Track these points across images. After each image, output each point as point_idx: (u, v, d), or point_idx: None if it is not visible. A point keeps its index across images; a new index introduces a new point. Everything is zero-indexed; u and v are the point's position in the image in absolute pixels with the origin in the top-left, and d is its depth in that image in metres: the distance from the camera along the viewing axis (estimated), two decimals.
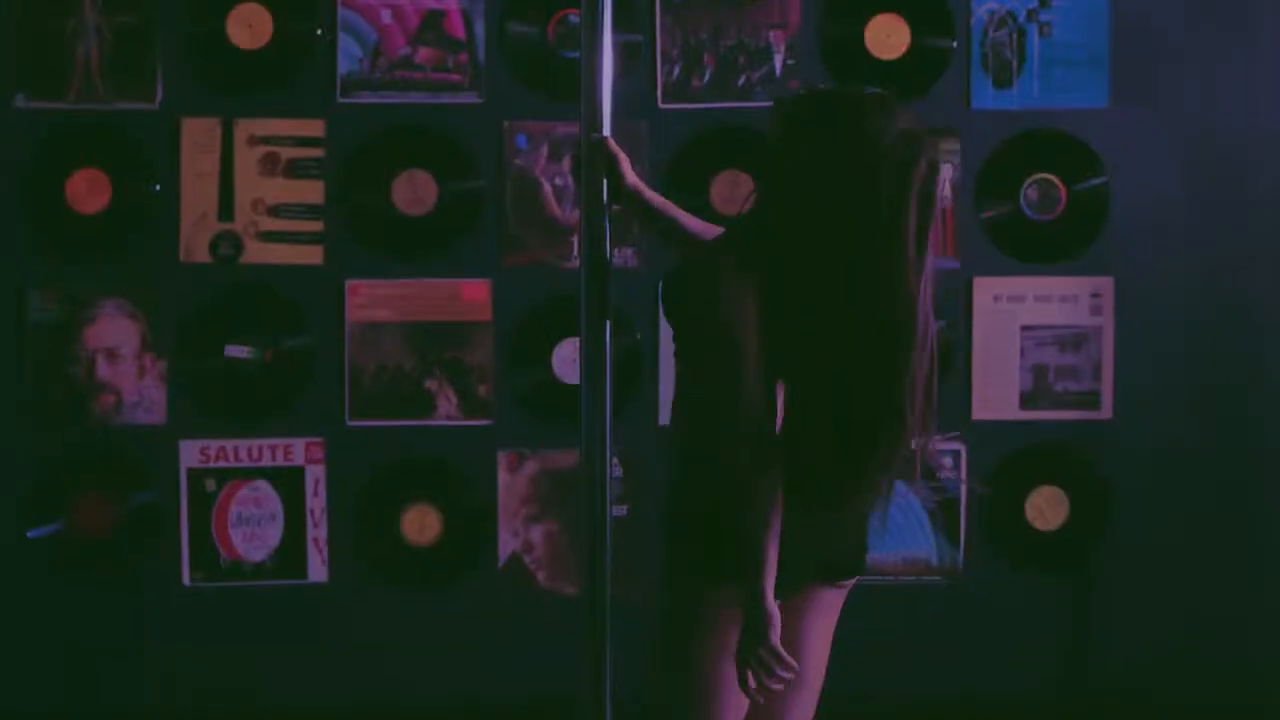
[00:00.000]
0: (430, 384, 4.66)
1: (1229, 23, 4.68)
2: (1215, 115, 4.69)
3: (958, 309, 4.67)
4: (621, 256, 4.60)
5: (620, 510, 4.64)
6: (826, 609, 3.16)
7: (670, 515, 3.06)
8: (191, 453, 4.66)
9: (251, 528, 4.67)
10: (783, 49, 4.65)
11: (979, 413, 4.69)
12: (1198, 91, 4.69)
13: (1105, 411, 4.68)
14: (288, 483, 4.67)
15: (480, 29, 4.65)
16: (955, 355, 4.68)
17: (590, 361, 3.17)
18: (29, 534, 4.65)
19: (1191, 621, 4.73)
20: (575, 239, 4.58)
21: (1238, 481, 4.72)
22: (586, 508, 3.18)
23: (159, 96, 4.62)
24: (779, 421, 2.91)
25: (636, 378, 4.64)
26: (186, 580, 4.66)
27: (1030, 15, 4.67)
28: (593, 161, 3.15)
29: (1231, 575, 4.74)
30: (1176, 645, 4.73)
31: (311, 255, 4.65)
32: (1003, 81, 4.67)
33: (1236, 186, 4.70)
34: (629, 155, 3.21)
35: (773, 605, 2.88)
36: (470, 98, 4.65)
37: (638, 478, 4.66)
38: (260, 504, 4.67)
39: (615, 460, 4.56)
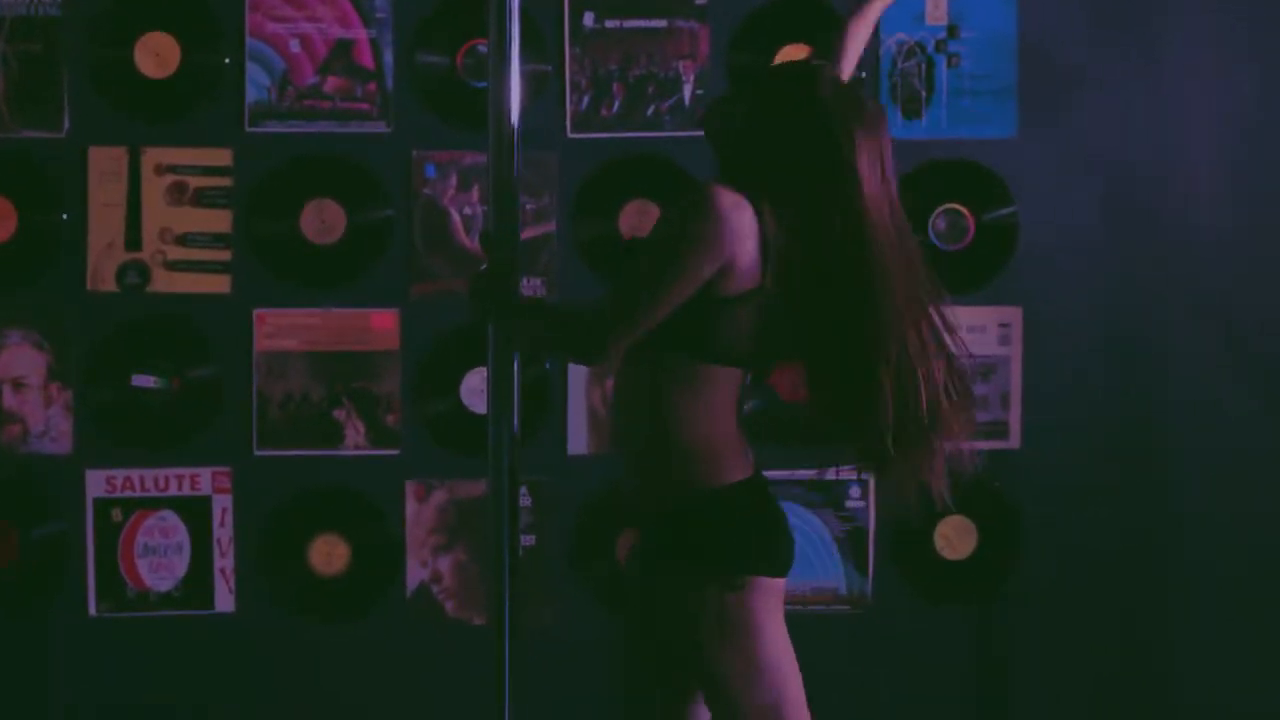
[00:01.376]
0: (338, 413, 4.65)
1: (1136, 51, 4.70)
2: (1123, 144, 4.70)
3: None
4: (530, 286, 4.59)
5: (529, 539, 4.63)
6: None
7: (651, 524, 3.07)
8: (98, 482, 4.63)
9: (158, 558, 4.64)
10: (692, 79, 4.65)
11: None
12: (1105, 120, 4.70)
13: (1014, 441, 4.68)
14: (195, 512, 4.64)
15: (389, 58, 4.64)
16: None
17: (497, 390, 3.17)
18: None
19: (1100, 650, 4.73)
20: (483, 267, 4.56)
21: (1144, 511, 4.73)
22: (494, 537, 3.18)
23: (66, 125, 4.60)
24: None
25: (545, 407, 4.62)
26: (93, 610, 4.64)
27: (939, 46, 4.68)
28: (502, 191, 3.15)
29: (1139, 604, 4.75)
30: (1085, 674, 4.73)
31: (219, 284, 4.63)
32: (911, 112, 4.68)
33: (1144, 216, 4.72)
34: (538, 184, 3.24)
35: None
36: (379, 127, 4.64)
37: (545, 507, 4.65)
38: (167, 534, 4.64)
39: (523, 489, 4.57)
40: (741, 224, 2.92)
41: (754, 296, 2.97)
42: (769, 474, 4.55)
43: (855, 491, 4.66)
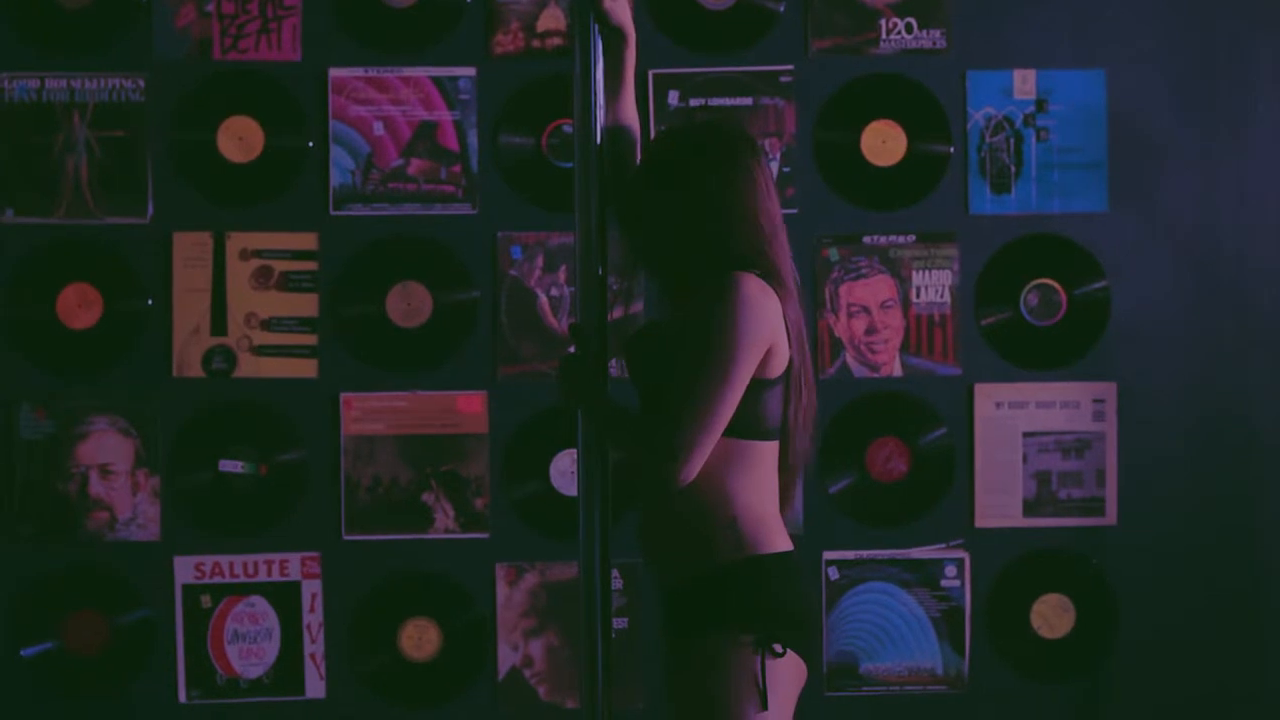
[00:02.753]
0: (427, 497, 4.62)
1: (1225, 125, 4.67)
2: (1213, 218, 4.67)
3: (959, 416, 4.63)
4: (619, 367, 4.56)
5: (620, 622, 4.59)
6: None
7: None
8: (186, 569, 4.60)
9: (248, 644, 4.61)
10: (778, 156, 4.62)
11: (981, 520, 4.64)
12: (1196, 194, 4.67)
13: (1110, 518, 4.64)
14: (284, 598, 4.62)
15: (473, 140, 4.62)
16: (957, 463, 4.64)
17: (588, 474, 3.14)
18: (22, 653, 4.60)
19: None
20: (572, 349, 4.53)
21: (1242, 587, 4.68)
22: (585, 621, 3.14)
23: (150, 211, 4.58)
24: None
25: (634, 488, 4.58)
26: (183, 698, 4.61)
27: (1027, 120, 4.64)
28: (589, 279, 3.12)
29: (1238, 680, 4.69)
30: None
31: (306, 369, 4.61)
32: (1001, 187, 4.64)
33: (1235, 289, 4.68)
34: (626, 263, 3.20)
35: None
36: (464, 209, 4.62)
37: (638, 589, 4.61)
38: (256, 620, 4.61)
39: (615, 572, 4.54)
40: (771, 309, 2.99)
41: (789, 371, 3.05)
42: (860, 553, 4.62)
43: (951, 570, 4.62)
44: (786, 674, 2.99)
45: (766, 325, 2.96)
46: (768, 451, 3.06)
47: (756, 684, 2.95)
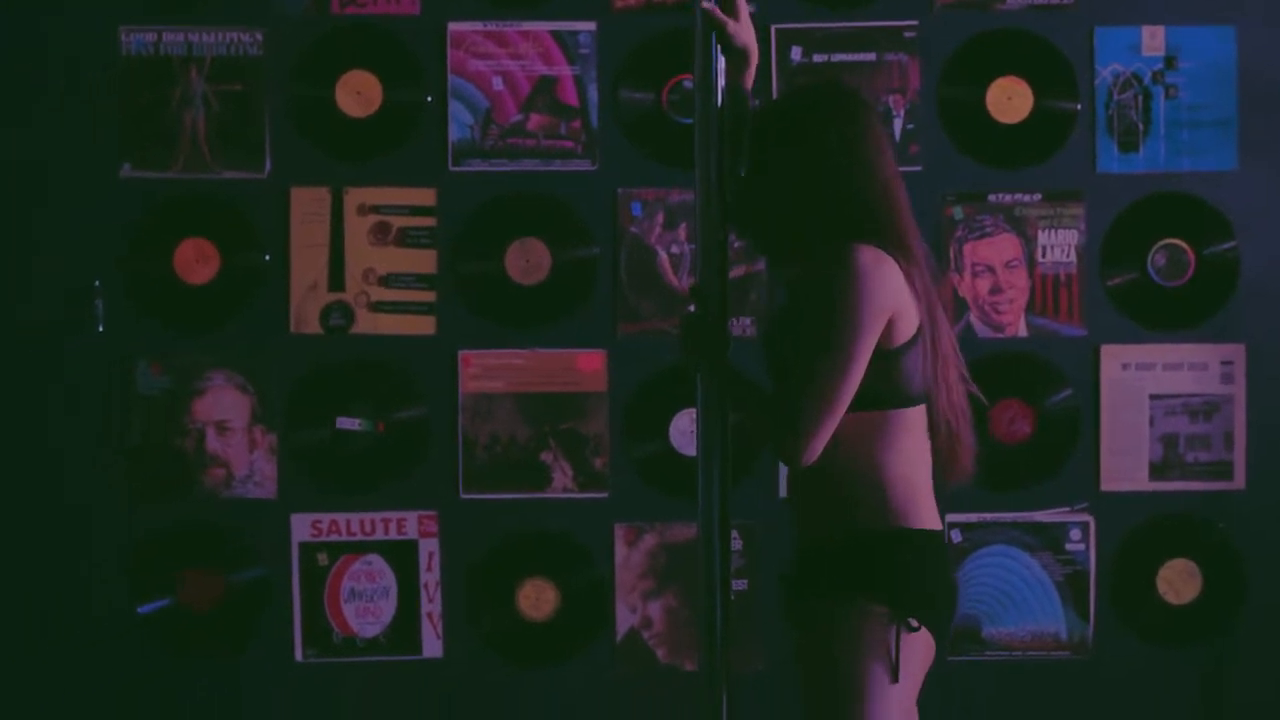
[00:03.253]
0: (545, 456, 4.58)
1: None
2: None
3: (1085, 378, 4.57)
4: (739, 325, 4.51)
5: (740, 583, 4.55)
6: None
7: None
8: (303, 527, 4.58)
9: (364, 602, 4.59)
10: (902, 113, 4.56)
11: (1107, 484, 4.58)
12: None
13: (1238, 482, 4.57)
14: (401, 557, 4.59)
15: (593, 95, 4.57)
16: (1082, 426, 4.57)
17: (707, 434, 3.08)
18: (139, 610, 4.58)
19: None
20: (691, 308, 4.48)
21: None
22: (705, 583, 3.09)
23: (268, 166, 4.55)
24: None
25: (755, 449, 4.53)
26: (299, 656, 4.59)
27: (1156, 77, 4.57)
28: (710, 239, 3.07)
29: None
30: None
31: (424, 325, 4.57)
32: (1128, 145, 4.57)
33: None
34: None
35: None
36: (584, 165, 4.57)
37: (757, 550, 4.57)
38: (373, 578, 4.59)
39: (734, 533, 4.50)
40: (890, 278, 2.93)
41: (919, 335, 2.98)
42: (983, 516, 4.56)
43: (1075, 534, 4.56)
44: (917, 651, 2.96)
45: (884, 295, 2.91)
46: (914, 418, 3.01)
47: (889, 655, 2.91)
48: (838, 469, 2.97)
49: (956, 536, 4.57)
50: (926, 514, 3.01)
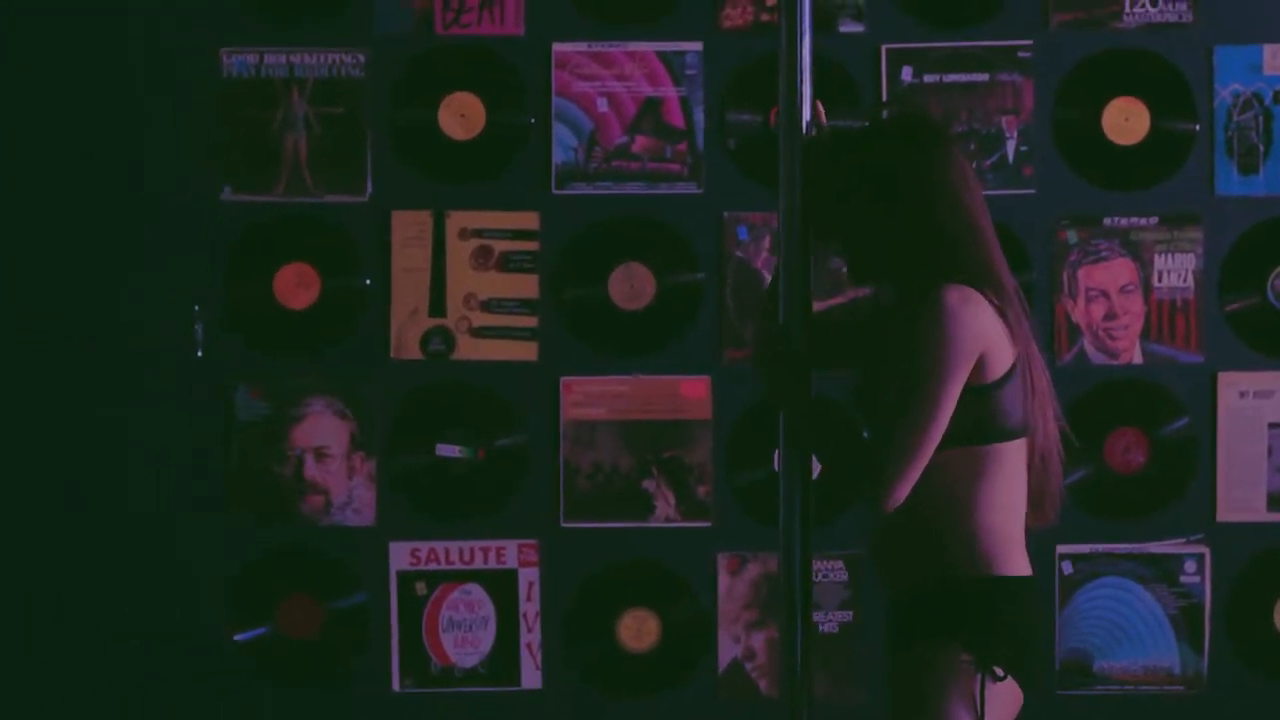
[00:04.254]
0: (647, 484, 4.51)
1: None
2: None
3: (1202, 406, 4.46)
4: None
5: (846, 615, 4.46)
6: None
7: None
8: (402, 554, 4.52)
9: (463, 632, 4.53)
10: (1015, 135, 4.46)
11: (1224, 514, 4.47)
12: None
13: None
14: (500, 586, 4.52)
15: (699, 117, 4.49)
16: (1198, 455, 4.47)
17: (789, 470, 2.97)
18: (236, 638, 4.54)
19: None
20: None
21: None
22: (786, 622, 2.98)
23: (369, 189, 4.50)
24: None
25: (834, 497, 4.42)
26: (396, 686, 4.53)
27: (1277, 97, 4.45)
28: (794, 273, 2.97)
29: None
30: None
31: (526, 351, 4.51)
32: (1249, 167, 4.46)
33: None
34: None
35: None
36: (689, 188, 4.50)
37: (863, 581, 4.48)
38: (473, 608, 4.52)
39: (841, 564, 4.42)
40: (978, 316, 2.86)
41: (1015, 369, 2.91)
42: (1096, 547, 4.46)
43: (1191, 566, 4.45)
44: (1004, 699, 2.89)
45: (972, 335, 2.83)
46: (1013, 453, 2.93)
47: (974, 703, 2.85)
48: (928, 510, 2.90)
49: (1068, 568, 4.47)
50: (1018, 560, 2.94)
